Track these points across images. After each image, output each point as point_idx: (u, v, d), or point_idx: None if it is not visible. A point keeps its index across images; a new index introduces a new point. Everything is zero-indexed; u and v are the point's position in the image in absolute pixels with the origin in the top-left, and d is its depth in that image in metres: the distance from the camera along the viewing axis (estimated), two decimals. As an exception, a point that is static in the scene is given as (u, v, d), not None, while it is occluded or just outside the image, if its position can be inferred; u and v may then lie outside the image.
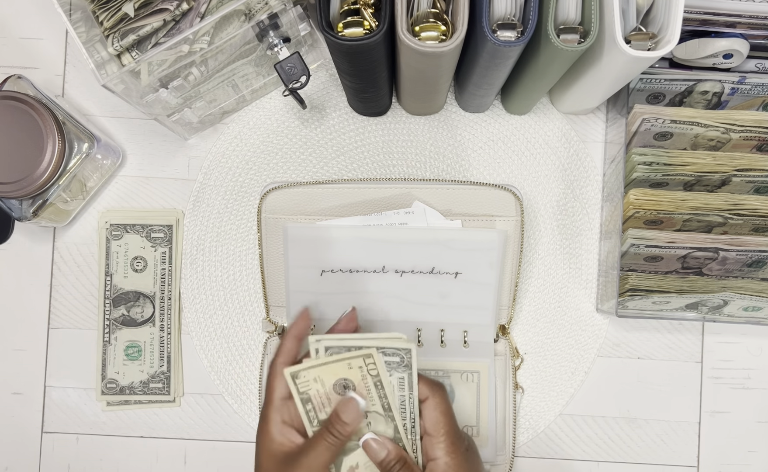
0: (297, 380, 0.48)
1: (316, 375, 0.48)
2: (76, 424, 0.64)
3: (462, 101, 0.64)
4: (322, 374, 0.48)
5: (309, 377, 0.48)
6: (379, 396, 0.49)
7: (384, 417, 0.50)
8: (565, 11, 0.48)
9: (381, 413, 0.50)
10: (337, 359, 0.48)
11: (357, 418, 0.48)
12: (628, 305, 0.59)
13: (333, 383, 0.49)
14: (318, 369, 0.48)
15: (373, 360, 0.48)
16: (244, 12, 0.53)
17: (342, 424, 0.48)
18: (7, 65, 0.65)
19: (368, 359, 0.48)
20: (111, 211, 0.64)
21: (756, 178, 0.57)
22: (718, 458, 0.63)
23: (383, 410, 0.50)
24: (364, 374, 0.48)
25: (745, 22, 0.55)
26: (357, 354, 0.48)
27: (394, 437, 0.50)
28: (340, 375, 0.49)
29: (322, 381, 0.49)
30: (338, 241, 0.59)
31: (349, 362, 0.48)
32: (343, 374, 0.48)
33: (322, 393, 0.49)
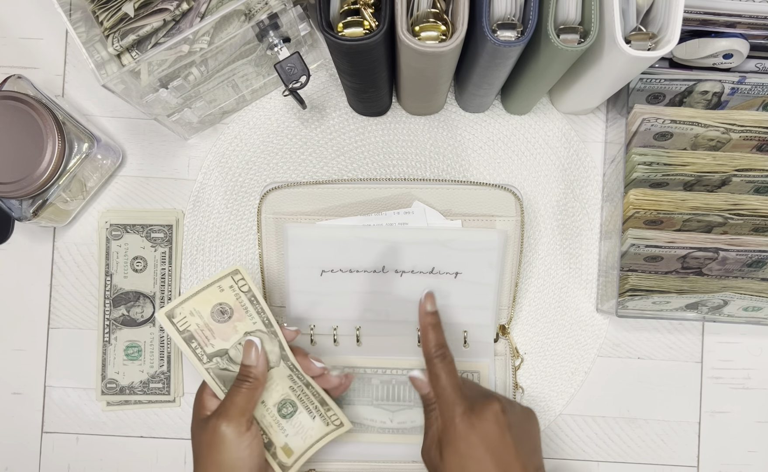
0: (174, 320, 0.49)
1: (191, 308, 0.50)
2: (76, 424, 0.64)
3: (462, 101, 0.64)
4: (197, 306, 0.50)
5: (185, 311, 0.50)
6: (257, 312, 0.51)
7: (267, 334, 0.51)
8: (565, 11, 0.48)
9: (264, 331, 0.51)
10: (207, 284, 0.50)
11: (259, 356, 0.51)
12: (628, 305, 0.59)
13: (210, 311, 0.50)
14: (191, 301, 0.50)
15: (241, 275, 0.50)
16: (244, 12, 0.53)
17: (247, 368, 0.50)
18: (7, 65, 0.65)
19: (236, 276, 0.50)
20: (111, 211, 0.64)
21: (756, 178, 0.57)
22: (718, 458, 0.63)
23: (264, 326, 0.51)
24: (237, 292, 0.50)
25: (745, 22, 0.55)
26: (224, 274, 0.50)
27: (280, 354, 0.52)
28: (214, 302, 0.50)
29: (199, 313, 0.50)
30: (338, 241, 0.59)
31: (219, 285, 0.50)
32: (217, 300, 0.50)
33: (203, 325, 0.50)
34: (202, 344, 0.50)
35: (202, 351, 0.50)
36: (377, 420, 0.61)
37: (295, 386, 0.53)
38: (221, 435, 0.48)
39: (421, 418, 0.61)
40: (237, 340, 0.51)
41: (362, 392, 0.61)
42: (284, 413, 0.53)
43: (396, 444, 0.61)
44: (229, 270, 0.50)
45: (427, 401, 0.54)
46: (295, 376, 0.52)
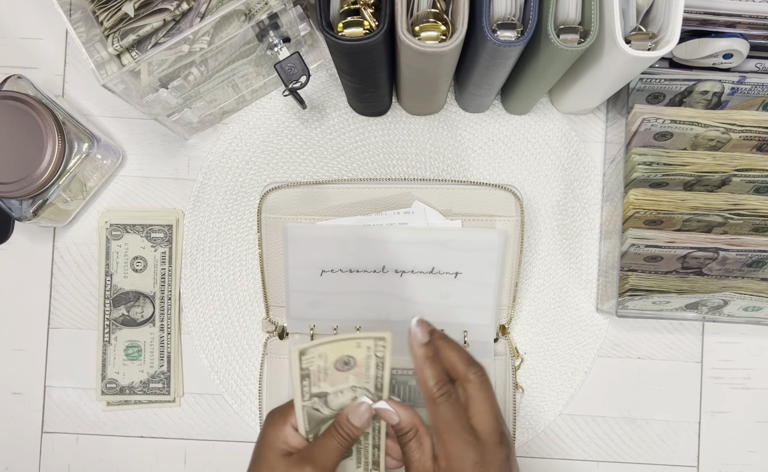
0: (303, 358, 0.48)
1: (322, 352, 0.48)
2: (76, 424, 0.64)
3: (462, 101, 0.64)
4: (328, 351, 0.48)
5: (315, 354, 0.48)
6: (376, 376, 0.50)
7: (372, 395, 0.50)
8: (565, 11, 0.48)
9: (371, 392, 0.50)
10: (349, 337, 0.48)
11: (366, 422, 0.49)
12: (628, 305, 0.59)
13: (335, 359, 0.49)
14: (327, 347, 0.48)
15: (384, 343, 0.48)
16: (244, 12, 0.53)
17: (350, 426, 0.49)
18: (7, 65, 0.65)
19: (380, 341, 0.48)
20: (111, 211, 0.64)
21: (756, 178, 0.57)
22: (718, 458, 0.63)
23: (374, 389, 0.50)
24: (370, 354, 0.49)
25: (745, 22, 0.55)
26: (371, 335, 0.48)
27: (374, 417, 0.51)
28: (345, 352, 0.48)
29: (326, 357, 0.49)
30: (338, 241, 0.59)
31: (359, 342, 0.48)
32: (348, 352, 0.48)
33: (322, 368, 0.49)
34: (312, 384, 0.49)
35: (308, 390, 0.49)
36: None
37: (363, 444, 0.52)
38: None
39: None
40: (341, 388, 0.50)
41: (362, 392, 0.61)
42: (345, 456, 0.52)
43: (396, 444, 0.61)
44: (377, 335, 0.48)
45: (399, 431, 0.49)
46: (371, 436, 0.52)
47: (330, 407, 0.51)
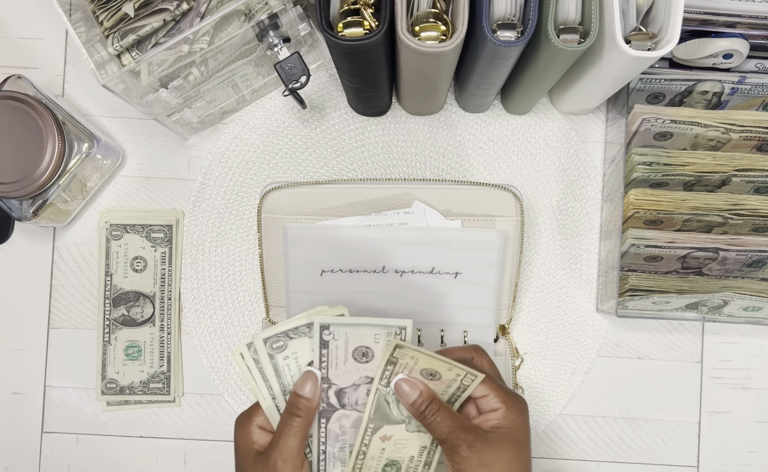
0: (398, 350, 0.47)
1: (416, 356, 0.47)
2: (76, 424, 0.64)
3: (462, 101, 0.64)
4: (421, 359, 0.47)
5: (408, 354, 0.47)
6: (453, 395, 0.48)
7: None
8: (565, 11, 0.48)
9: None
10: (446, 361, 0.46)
11: (315, 389, 0.48)
12: (628, 305, 0.59)
13: (423, 368, 0.47)
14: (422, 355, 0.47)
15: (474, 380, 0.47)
16: (244, 12, 0.53)
17: (299, 399, 0.48)
18: (7, 65, 0.65)
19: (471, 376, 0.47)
20: (111, 211, 0.64)
21: (756, 178, 0.57)
22: (718, 458, 0.63)
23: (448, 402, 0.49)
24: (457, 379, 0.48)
25: (745, 22, 0.55)
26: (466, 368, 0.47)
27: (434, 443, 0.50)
28: (435, 367, 0.47)
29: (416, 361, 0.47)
30: (338, 241, 0.59)
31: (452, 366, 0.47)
32: (438, 368, 0.47)
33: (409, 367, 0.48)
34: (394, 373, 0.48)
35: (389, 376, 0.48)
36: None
37: (417, 458, 0.51)
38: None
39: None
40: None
41: (362, 392, 0.61)
42: (387, 469, 0.52)
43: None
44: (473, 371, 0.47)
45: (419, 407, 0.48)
46: (426, 451, 0.51)
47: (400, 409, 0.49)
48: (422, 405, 0.48)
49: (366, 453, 0.51)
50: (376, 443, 0.51)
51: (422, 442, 0.51)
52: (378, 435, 0.51)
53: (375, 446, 0.51)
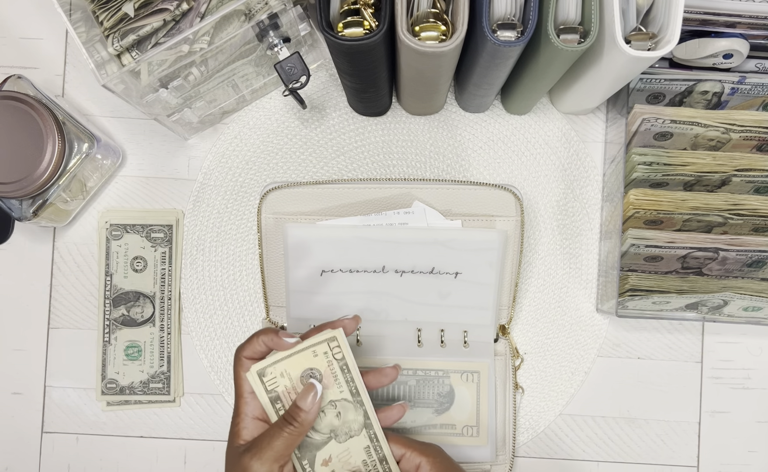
0: (264, 379, 0.48)
1: (282, 370, 0.49)
2: (76, 424, 0.64)
3: (462, 101, 0.64)
4: (289, 368, 0.49)
5: (276, 373, 0.48)
6: (346, 381, 0.50)
7: (353, 404, 0.50)
8: (565, 11, 0.48)
9: (350, 400, 0.50)
10: (302, 348, 0.48)
11: (315, 404, 0.48)
12: (628, 305, 0.59)
13: (300, 376, 0.49)
14: (284, 363, 0.48)
15: (337, 342, 0.48)
16: (244, 12, 0.53)
17: (299, 412, 0.48)
18: (7, 65, 0.65)
19: (332, 343, 0.49)
20: (111, 211, 0.64)
21: (756, 178, 0.57)
22: (718, 458, 0.63)
23: (351, 395, 0.50)
24: (330, 359, 0.49)
25: (745, 22, 0.55)
26: (321, 339, 0.48)
27: (364, 423, 0.51)
28: (306, 366, 0.49)
29: (289, 375, 0.49)
30: (338, 241, 0.59)
31: (314, 350, 0.49)
32: (309, 365, 0.49)
33: (290, 388, 0.49)
34: (286, 406, 0.49)
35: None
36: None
37: (369, 460, 0.51)
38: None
39: (421, 418, 0.61)
40: (321, 408, 0.50)
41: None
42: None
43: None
44: (326, 336, 0.48)
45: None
46: (372, 448, 0.51)
47: (318, 431, 0.50)
48: None
49: None
50: (322, 471, 0.51)
51: (362, 443, 0.51)
52: (318, 465, 0.51)
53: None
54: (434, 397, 0.61)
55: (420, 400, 0.61)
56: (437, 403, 0.61)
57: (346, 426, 0.51)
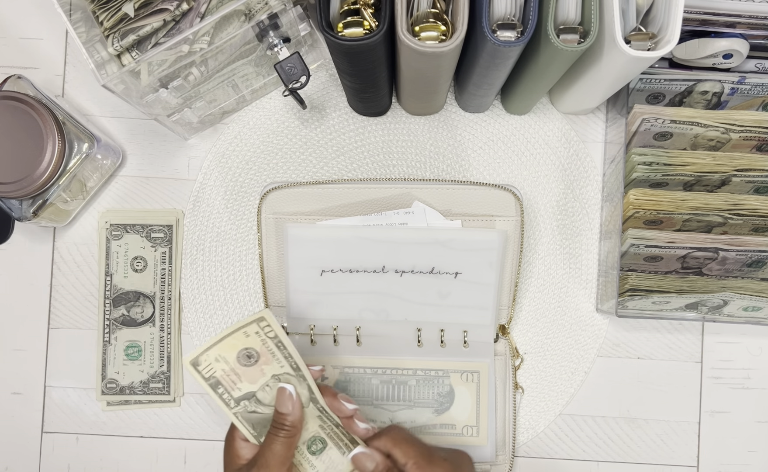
0: (199, 367, 0.48)
1: (216, 355, 0.49)
2: (76, 424, 0.64)
3: (462, 101, 0.64)
4: (223, 352, 0.49)
5: (210, 359, 0.48)
6: (285, 356, 0.50)
7: (296, 377, 0.50)
8: (565, 11, 0.48)
9: (292, 374, 0.50)
10: (231, 331, 0.48)
11: (294, 404, 0.49)
12: (628, 305, 0.59)
13: (236, 356, 0.49)
14: (216, 348, 0.48)
15: (266, 322, 0.48)
16: (244, 12, 0.53)
17: (283, 416, 0.49)
18: (7, 65, 0.65)
19: (262, 322, 0.49)
20: (111, 212, 0.64)
21: (756, 178, 0.57)
22: (718, 458, 0.63)
23: (293, 370, 0.50)
24: (263, 338, 0.49)
25: (745, 22, 0.55)
26: (250, 320, 0.48)
27: (310, 397, 0.51)
28: (240, 347, 0.49)
29: (225, 359, 0.49)
30: (338, 241, 0.59)
31: (245, 330, 0.49)
32: (243, 345, 0.49)
33: (229, 370, 0.49)
34: (229, 389, 0.49)
35: (230, 396, 0.49)
36: (377, 420, 0.61)
37: (325, 425, 0.52)
38: None
39: (421, 418, 0.61)
40: (264, 382, 0.50)
41: (362, 392, 0.61)
42: (313, 449, 0.52)
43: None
44: (255, 317, 0.48)
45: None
46: (324, 417, 0.52)
47: (265, 404, 0.51)
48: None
49: None
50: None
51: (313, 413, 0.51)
52: None
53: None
54: (434, 397, 0.61)
55: (420, 400, 0.61)
56: (437, 403, 0.61)
57: None
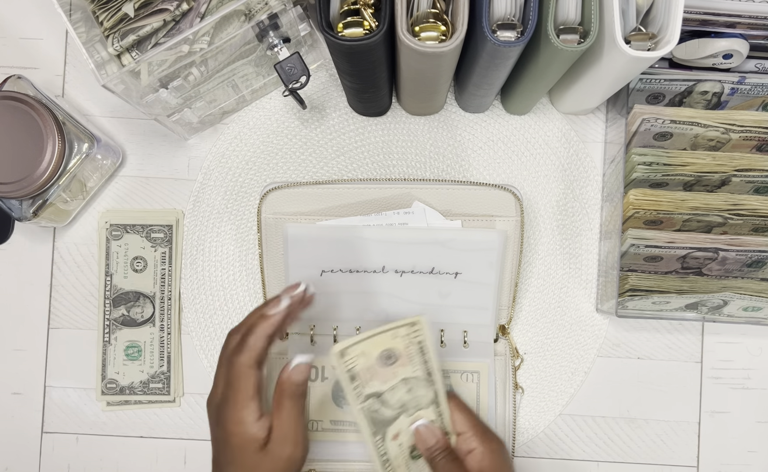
0: (344, 358, 0.49)
1: (362, 350, 0.49)
2: (76, 424, 0.64)
3: (462, 101, 0.64)
4: (368, 348, 0.49)
5: (356, 352, 0.49)
6: (422, 361, 0.51)
7: (425, 382, 0.51)
8: (565, 11, 0.48)
9: (423, 378, 0.51)
10: (383, 330, 0.49)
11: (303, 373, 0.50)
12: (628, 305, 0.59)
13: (377, 356, 0.50)
14: (365, 343, 0.49)
15: (418, 327, 0.50)
16: (244, 12, 0.53)
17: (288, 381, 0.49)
18: (7, 65, 0.65)
19: (414, 326, 0.50)
20: (111, 212, 0.64)
21: (756, 178, 0.57)
22: (718, 458, 0.63)
23: (426, 374, 0.51)
24: (409, 342, 0.50)
25: (745, 22, 0.55)
26: (403, 323, 0.49)
27: (434, 401, 0.52)
28: (385, 346, 0.50)
29: (368, 355, 0.50)
30: (338, 241, 0.59)
31: (394, 333, 0.50)
32: (388, 345, 0.50)
33: (368, 367, 0.50)
34: (363, 385, 0.50)
35: (361, 391, 0.50)
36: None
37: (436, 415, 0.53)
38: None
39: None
40: (393, 384, 0.51)
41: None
42: (415, 455, 0.54)
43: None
44: (409, 320, 0.49)
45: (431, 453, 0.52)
46: (438, 423, 0.53)
47: (389, 407, 0.51)
48: (437, 452, 0.51)
49: (389, 460, 0.53)
50: (392, 446, 0.53)
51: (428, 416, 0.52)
52: (389, 440, 0.52)
53: (392, 449, 0.53)
54: (434, 397, 0.61)
55: None
56: (437, 403, 0.61)
57: (415, 401, 0.52)
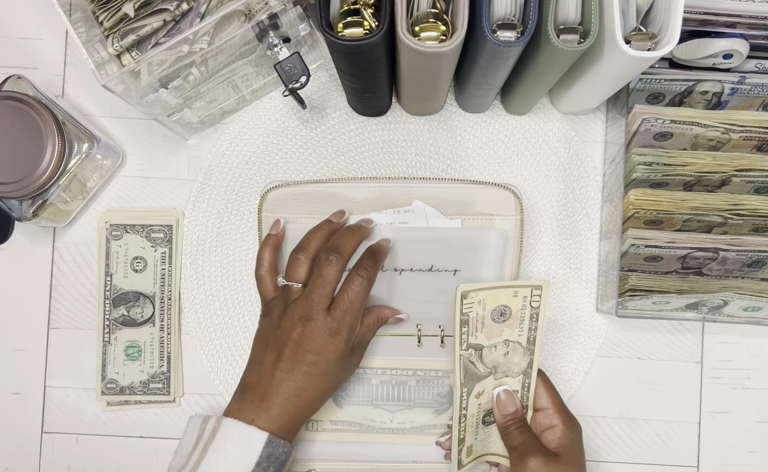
0: (465, 301, 0.49)
1: (482, 298, 0.50)
2: (76, 424, 0.64)
3: (462, 101, 0.64)
4: (487, 298, 0.50)
5: (475, 299, 0.50)
6: (530, 328, 0.51)
7: (524, 350, 0.52)
8: (565, 11, 0.48)
9: (523, 345, 0.52)
10: (506, 285, 0.50)
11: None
12: (628, 305, 0.59)
13: (492, 309, 0.50)
14: (486, 292, 0.49)
15: (541, 292, 0.50)
16: (244, 12, 0.53)
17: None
18: (7, 65, 0.65)
19: (537, 291, 0.50)
20: (111, 211, 0.64)
21: (756, 178, 0.57)
22: (718, 458, 0.63)
23: (527, 342, 0.52)
24: (525, 304, 0.50)
25: (745, 22, 0.55)
26: (528, 283, 0.50)
27: (524, 372, 0.53)
28: (502, 302, 0.50)
29: (484, 305, 0.50)
30: (338, 241, 0.59)
31: (516, 290, 0.50)
32: (506, 302, 0.50)
33: (480, 316, 0.50)
34: (470, 332, 0.50)
35: (466, 338, 0.50)
36: (377, 420, 0.61)
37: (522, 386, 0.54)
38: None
39: (421, 418, 0.61)
40: (495, 342, 0.51)
41: (362, 392, 0.61)
42: (486, 420, 0.55)
43: (396, 444, 0.61)
44: (534, 282, 0.50)
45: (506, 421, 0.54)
46: (520, 395, 0.54)
47: (484, 364, 0.52)
48: (511, 421, 0.53)
49: (466, 416, 0.53)
50: (473, 402, 0.53)
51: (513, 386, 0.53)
52: (472, 396, 0.53)
53: (472, 405, 0.53)
54: (434, 397, 0.61)
55: (420, 400, 0.61)
56: (437, 403, 0.61)
57: (508, 365, 0.53)
